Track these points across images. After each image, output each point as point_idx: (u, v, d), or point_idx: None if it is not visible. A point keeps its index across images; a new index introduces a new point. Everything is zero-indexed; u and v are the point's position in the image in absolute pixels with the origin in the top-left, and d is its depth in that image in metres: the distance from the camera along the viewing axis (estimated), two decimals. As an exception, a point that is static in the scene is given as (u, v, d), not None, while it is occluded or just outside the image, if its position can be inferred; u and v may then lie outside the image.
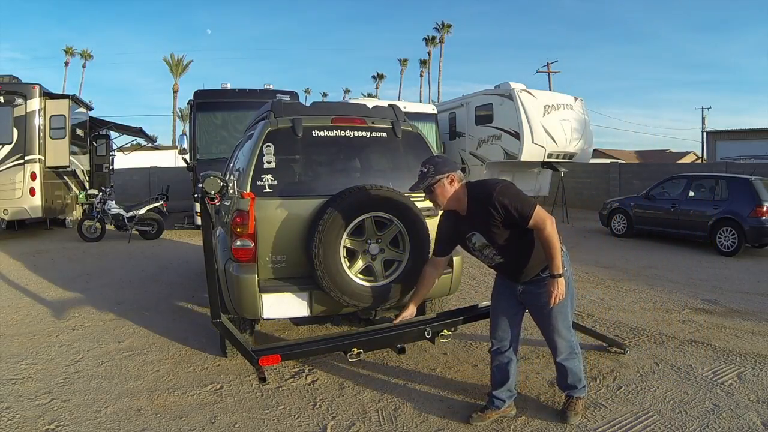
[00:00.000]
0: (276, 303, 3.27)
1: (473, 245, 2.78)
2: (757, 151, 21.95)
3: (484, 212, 2.60)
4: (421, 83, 53.21)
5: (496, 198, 2.56)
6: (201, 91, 10.56)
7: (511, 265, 2.77)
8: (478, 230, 2.70)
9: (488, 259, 2.80)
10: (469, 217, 2.72)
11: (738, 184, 8.59)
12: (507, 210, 2.55)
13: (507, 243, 2.66)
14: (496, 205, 2.55)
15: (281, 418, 2.92)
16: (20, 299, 5.51)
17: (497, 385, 2.89)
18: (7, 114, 9.73)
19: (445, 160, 2.76)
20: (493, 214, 2.57)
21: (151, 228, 9.84)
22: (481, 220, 2.64)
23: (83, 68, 48.28)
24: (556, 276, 2.60)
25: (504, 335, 2.88)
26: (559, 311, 2.73)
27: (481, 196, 2.64)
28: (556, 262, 2.59)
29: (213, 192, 2.87)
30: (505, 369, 2.87)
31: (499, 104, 12.66)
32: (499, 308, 2.93)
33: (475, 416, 2.84)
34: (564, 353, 2.80)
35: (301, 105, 4.04)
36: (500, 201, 2.55)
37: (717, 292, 5.81)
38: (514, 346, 2.90)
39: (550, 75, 30.96)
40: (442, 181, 2.67)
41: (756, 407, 2.97)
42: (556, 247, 2.56)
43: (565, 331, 2.79)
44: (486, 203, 2.58)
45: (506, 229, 2.62)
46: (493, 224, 2.61)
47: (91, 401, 3.11)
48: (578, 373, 2.86)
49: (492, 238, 2.66)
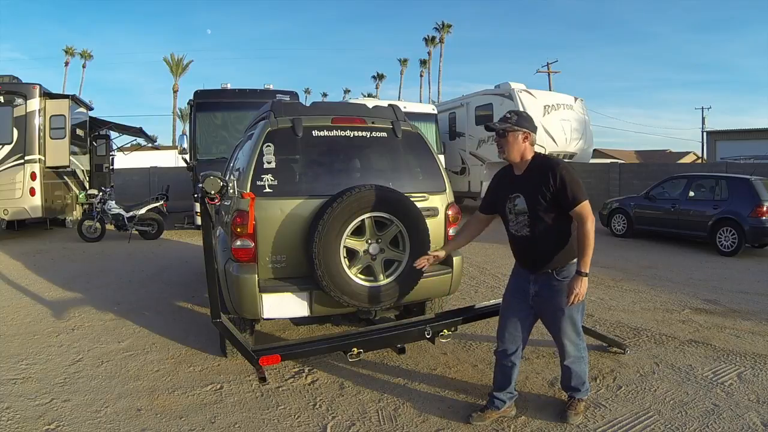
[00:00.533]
0: (276, 303, 3.27)
1: (513, 207, 2.74)
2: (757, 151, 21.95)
3: (540, 177, 2.62)
4: (421, 83, 53.31)
5: (559, 169, 2.60)
6: (201, 91, 10.56)
7: (534, 244, 2.70)
8: (524, 194, 2.69)
9: (519, 226, 2.74)
10: (521, 178, 2.72)
11: (738, 184, 8.58)
12: (563, 184, 2.56)
13: (543, 218, 2.64)
14: (555, 174, 2.57)
15: (281, 418, 2.92)
16: (20, 299, 5.51)
17: (499, 387, 2.88)
18: (7, 114, 9.73)
19: (529, 118, 2.78)
20: (549, 181, 2.58)
21: (151, 228, 9.84)
22: (533, 184, 2.65)
23: (83, 68, 48.42)
24: (583, 274, 2.59)
25: (512, 338, 2.86)
26: (570, 315, 2.73)
27: (544, 162, 2.68)
28: (587, 260, 2.59)
29: (213, 192, 2.87)
30: (509, 372, 2.87)
31: (499, 104, 12.67)
32: (510, 310, 2.88)
33: (475, 416, 2.84)
34: (572, 357, 2.80)
35: (301, 105, 4.04)
36: (561, 173, 2.58)
37: (717, 292, 5.81)
38: (520, 350, 2.89)
39: (550, 75, 31.01)
40: (517, 133, 2.68)
41: (756, 407, 2.97)
42: (592, 245, 2.58)
43: (575, 335, 2.78)
44: (546, 168, 2.62)
45: (551, 206, 2.61)
46: (542, 192, 2.61)
47: (91, 401, 3.11)
48: (583, 376, 2.86)
49: (534, 206, 2.64)
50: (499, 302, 3.87)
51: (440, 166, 3.87)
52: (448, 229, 3.72)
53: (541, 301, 2.76)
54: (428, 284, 3.56)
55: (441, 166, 3.88)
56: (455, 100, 15.10)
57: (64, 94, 11.27)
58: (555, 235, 2.67)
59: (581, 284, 2.59)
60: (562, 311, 2.70)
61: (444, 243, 3.72)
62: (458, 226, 3.81)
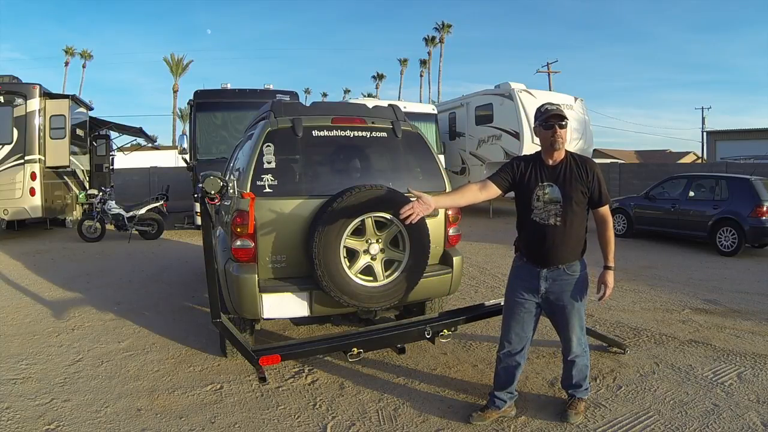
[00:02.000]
0: (276, 303, 3.27)
1: (542, 195, 2.71)
2: (757, 151, 21.97)
3: (578, 170, 2.71)
4: (421, 83, 53.30)
5: (596, 167, 2.75)
6: (201, 91, 10.56)
7: (561, 234, 2.70)
8: (558, 184, 2.70)
9: (546, 215, 2.71)
10: (556, 169, 2.73)
11: (738, 184, 8.58)
12: (598, 182, 2.71)
13: (575, 210, 2.69)
14: (594, 171, 2.72)
15: (281, 418, 2.92)
16: (20, 299, 5.51)
17: (500, 387, 2.88)
18: (7, 114, 9.73)
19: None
20: (587, 176, 2.69)
21: (151, 228, 9.84)
22: (569, 176, 2.70)
23: (83, 68, 48.42)
24: (612, 268, 2.77)
25: (518, 339, 2.85)
26: (578, 310, 2.77)
27: (582, 158, 2.79)
28: (612, 255, 2.79)
29: (213, 192, 2.88)
30: (513, 371, 2.87)
31: (499, 104, 12.67)
32: (517, 310, 2.84)
33: (475, 416, 2.84)
34: (576, 351, 2.82)
35: (301, 105, 4.05)
36: (596, 171, 2.73)
37: (717, 292, 5.81)
38: (526, 350, 2.90)
39: (550, 75, 31.01)
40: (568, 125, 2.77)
41: (756, 407, 2.97)
42: (614, 241, 2.80)
43: (580, 330, 2.82)
44: (585, 164, 2.73)
45: (583, 200, 2.72)
46: (579, 185, 2.69)
47: (91, 401, 3.11)
48: (585, 372, 2.88)
49: (568, 195, 2.68)
50: (499, 302, 3.87)
51: (440, 166, 3.87)
52: (448, 229, 3.72)
53: (551, 296, 2.77)
54: (428, 284, 3.56)
55: (441, 166, 3.88)
56: (455, 100, 15.09)
57: (64, 94, 11.26)
58: (579, 228, 2.74)
59: (611, 277, 2.78)
60: (572, 305, 2.75)
61: (445, 243, 3.73)
62: (458, 226, 3.82)
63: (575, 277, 2.75)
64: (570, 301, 2.74)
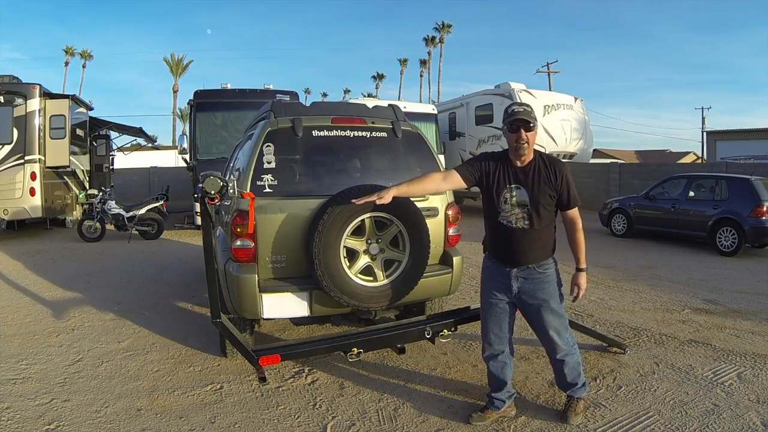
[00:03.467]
0: (276, 303, 3.27)
1: (510, 197, 2.69)
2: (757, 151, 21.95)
3: (547, 172, 2.68)
4: (421, 83, 53.32)
5: (564, 169, 2.72)
6: (201, 91, 10.55)
7: (528, 236, 2.70)
8: (525, 186, 2.69)
9: (513, 218, 2.70)
10: (524, 171, 2.69)
11: (738, 184, 8.58)
12: (567, 185, 2.69)
13: (542, 213, 2.67)
14: (562, 173, 2.69)
15: (281, 418, 2.92)
16: (20, 299, 5.51)
17: (495, 388, 2.89)
18: (7, 114, 9.73)
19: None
20: (555, 179, 2.67)
21: (151, 228, 9.84)
22: (537, 179, 2.67)
23: (83, 68, 48.44)
24: (583, 270, 2.78)
25: (497, 339, 2.85)
26: (555, 307, 2.75)
27: (551, 160, 2.75)
28: (583, 257, 2.79)
29: (213, 192, 2.88)
30: (502, 373, 2.87)
31: (499, 104, 12.66)
32: (492, 312, 2.85)
33: (475, 416, 2.84)
34: (563, 350, 2.79)
35: (301, 105, 4.05)
36: (566, 174, 2.70)
37: (717, 292, 5.81)
38: (509, 349, 2.89)
39: (550, 75, 31.02)
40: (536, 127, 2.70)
41: (756, 407, 2.97)
42: (584, 243, 2.80)
43: (562, 327, 2.80)
44: (554, 166, 2.70)
45: (551, 202, 2.70)
46: (547, 188, 2.67)
47: (91, 401, 3.11)
48: (577, 369, 2.85)
49: (537, 199, 2.67)
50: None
51: (440, 166, 3.87)
52: (448, 229, 3.72)
53: (525, 295, 2.77)
54: (428, 284, 3.56)
55: (441, 167, 3.88)
56: (455, 100, 15.10)
57: (64, 94, 11.26)
58: (547, 230, 2.73)
59: (583, 279, 2.79)
60: (547, 302, 2.74)
61: (445, 243, 3.72)
62: (458, 226, 3.82)
63: (547, 274, 2.75)
64: (544, 299, 2.73)
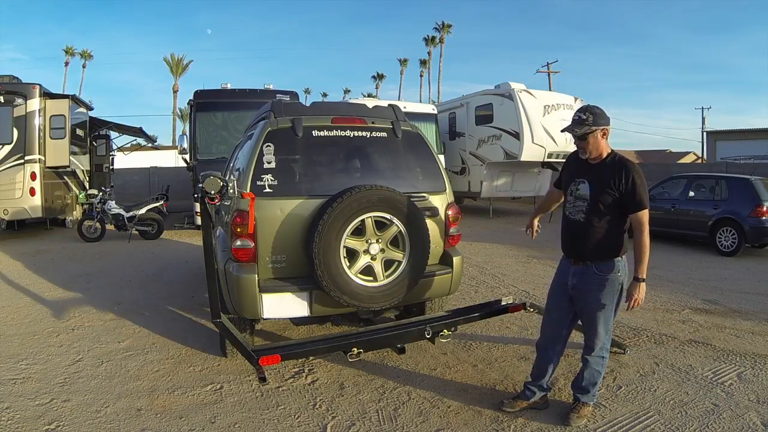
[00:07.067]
0: (276, 303, 3.27)
1: (575, 190, 2.80)
2: (757, 151, 21.97)
3: (612, 171, 2.65)
4: (421, 83, 53.27)
5: (633, 171, 2.63)
6: (201, 91, 10.55)
7: (584, 230, 2.72)
8: (590, 181, 2.71)
9: (575, 210, 2.78)
10: (592, 167, 2.74)
11: (738, 184, 8.59)
12: (633, 186, 2.61)
13: (601, 210, 2.68)
14: (628, 174, 2.61)
15: (281, 418, 2.92)
16: (20, 299, 5.51)
17: (535, 377, 2.96)
18: (7, 114, 9.72)
19: (603, 112, 2.73)
20: (620, 180, 2.62)
21: (151, 228, 9.83)
22: (602, 176, 2.68)
23: (83, 68, 48.36)
24: (640, 280, 2.66)
25: (553, 333, 2.93)
26: (603, 312, 2.75)
27: (621, 160, 2.70)
28: (644, 266, 2.67)
29: (213, 192, 2.88)
30: (544, 365, 2.94)
31: (499, 104, 12.65)
32: (553, 307, 2.96)
33: (506, 403, 2.94)
34: (593, 353, 2.82)
35: (301, 105, 4.04)
36: (633, 175, 2.62)
37: (717, 292, 5.81)
38: (561, 348, 2.95)
39: (550, 75, 31.00)
40: (596, 132, 2.67)
41: (756, 407, 2.97)
42: (648, 252, 2.68)
43: (604, 333, 2.80)
44: (621, 166, 2.65)
45: (613, 202, 2.65)
46: (609, 187, 2.64)
47: (91, 401, 3.11)
48: (595, 378, 2.86)
49: (596, 194, 2.68)
50: (499, 301, 3.88)
51: (440, 166, 3.87)
52: (448, 229, 3.72)
53: (578, 292, 2.80)
54: (428, 284, 3.56)
55: (441, 166, 3.88)
56: (455, 100, 15.08)
57: (64, 94, 11.25)
58: (605, 229, 2.70)
59: (640, 290, 2.67)
60: (597, 306, 2.73)
61: (445, 243, 3.72)
62: (458, 226, 3.82)
63: (603, 278, 2.71)
64: (593, 301, 2.73)
